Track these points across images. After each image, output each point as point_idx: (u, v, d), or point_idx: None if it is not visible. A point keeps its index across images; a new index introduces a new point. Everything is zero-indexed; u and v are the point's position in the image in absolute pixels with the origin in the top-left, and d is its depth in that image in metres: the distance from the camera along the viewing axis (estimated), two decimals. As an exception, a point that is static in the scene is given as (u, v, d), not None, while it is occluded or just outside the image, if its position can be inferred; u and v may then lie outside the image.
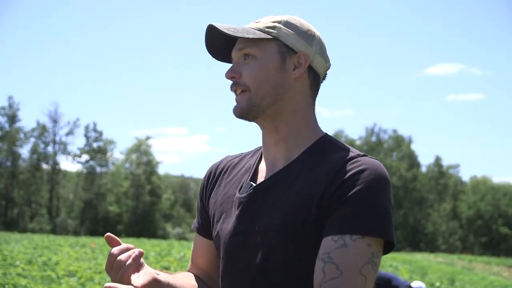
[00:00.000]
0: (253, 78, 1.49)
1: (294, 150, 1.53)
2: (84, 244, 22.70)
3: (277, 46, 1.51)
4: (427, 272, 18.37)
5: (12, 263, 12.68)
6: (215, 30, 1.53)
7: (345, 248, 1.33)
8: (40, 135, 52.89)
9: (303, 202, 1.42)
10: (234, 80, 1.53)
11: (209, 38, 1.57)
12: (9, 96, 51.84)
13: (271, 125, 1.54)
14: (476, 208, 56.67)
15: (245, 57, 1.52)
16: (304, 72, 1.53)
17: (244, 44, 1.51)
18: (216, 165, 1.74)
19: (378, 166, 1.43)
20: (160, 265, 14.04)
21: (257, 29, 1.52)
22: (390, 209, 1.41)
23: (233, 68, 1.53)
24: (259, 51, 1.50)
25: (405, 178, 58.51)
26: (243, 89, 1.51)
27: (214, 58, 1.62)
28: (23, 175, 50.81)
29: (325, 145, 1.52)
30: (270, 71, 1.50)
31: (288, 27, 1.52)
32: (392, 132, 62.38)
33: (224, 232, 1.56)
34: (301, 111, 1.54)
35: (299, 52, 1.52)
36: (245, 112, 1.51)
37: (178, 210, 63.52)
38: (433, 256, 35.32)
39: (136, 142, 57.67)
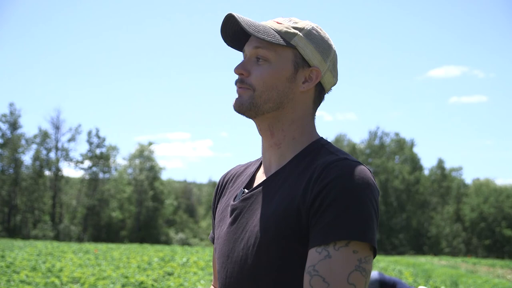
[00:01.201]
0: (262, 81, 1.48)
1: (287, 156, 1.52)
2: (87, 251, 22.70)
3: (293, 55, 1.49)
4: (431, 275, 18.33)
5: (16, 270, 12.69)
6: (234, 21, 1.51)
7: (329, 259, 1.30)
8: (42, 142, 52.95)
9: (283, 210, 1.40)
10: (242, 77, 1.51)
11: (226, 25, 1.55)
12: (11, 103, 52.01)
13: (267, 128, 1.54)
14: (480, 211, 56.54)
15: (258, 57, 1.50)
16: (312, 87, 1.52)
17: (262, 44, 1.49)
18: (224, 176, 1.75)
19: (357, 169, 1.38)
20: (164, 270, 14.02)
21: (277, 31, 1.49)
22: (373, 214, 1.36)
23: (244, 65, 1.52)
24: (274, 56, 1.48)
25: (407, 181, 58.43)
26: (247, 87, 1.50)
27: (226, 42, 1.59)
28: (25, 182, 50.83)
29: (314, 149, 1.50)
30: (280, 79, 1.48)
31: (308, 38, 1.50)
32: (395, 135, 62.36)
33: (218, 239, 1.58)
34: (299, 122, 1.53)
35: (313, 67, 1.51)
36: (245, 109, 1.50)
37: (181, 215, 63.52)
38: (437, 259, 35.21)
39: (139, 148, 57.75)
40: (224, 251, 1.52)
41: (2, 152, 50.64)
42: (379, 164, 58.13)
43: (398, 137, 62.11)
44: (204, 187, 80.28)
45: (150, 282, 11.33)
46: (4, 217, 50.01)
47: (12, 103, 52.15)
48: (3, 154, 50.56)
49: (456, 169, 63.72)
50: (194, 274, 13.46)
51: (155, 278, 12.25)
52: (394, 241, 55.55)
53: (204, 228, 63.07)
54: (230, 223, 1.53)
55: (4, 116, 51.14)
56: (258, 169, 1.63)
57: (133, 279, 11.54)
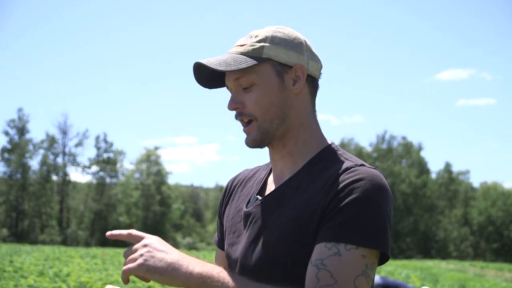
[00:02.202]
0: (258, 106, 1.48)
1: (299, 162, 1.52)
2: (94, 255, 22.75)
3: (272, 66, 1.48)
4: (439, 279, 18.28)
5: (24, 275, 12.73)
6: (203, 67, 1.51)
7: (339, 257, 1.30)
8: (49, 147, 53.12)
9: (299, 215, 1.40)
10: (238, 111, 1.50)
11: (198, 72, 1.54)
12: (19, 108, 52.23)
13: (279, 143, 1.53)
14: (487, 214, 56.29)
15: (241, 85, 1.49)
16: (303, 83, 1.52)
17: (239, 74, 1.48)
18: (232, 180, 1.74)
19: (375, 175, 1.39)
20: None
21: (245, 54, 1.48)
22: (387, 221, 1.36)
23: (234, 98, 1.51)
24: (256, 77, 1.47)
25: (414, 185, 58.25)
26: (249, 118, 1.49)
27: (205, 87, 1.58)
28: (33, 187, 50.96)
29: (327, 155, 1.50)
30: (272, 93, 1.48)
31: (275, 43, 1.49)
32: (402, 139, 62.22)
33: (231, 246, 1.57)
34: (307, 122, 1.53)
35: (294, 66, 1.49)
36: (259, 141, 1.50)
37: (188, 219, 63.57)
38: (445, 263, 35.08)
39: (145, 153, 57.83)
40: (239, 258, 1.51)
41: (10, 157, 50.83)
42: (386, 168, 57.98)
43: (406, 141, 61.96)
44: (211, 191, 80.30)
45: (157, 286, 11.35)
46: (12, 222, 50.16)
47: (21, 108, 52.26)
48: (11, 159, 50.73)
49: (463, 173, 63.49)
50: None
51: (162, 283, 12.25)
52: (402, 245, 55.37)
53: (211, 233, 63.03)
54: (246, 230, 1.52)
55: (13, 122, 51.35)
56: (268, 175, 1.62)
57: (140, 284, 11.56)
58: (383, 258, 1.39)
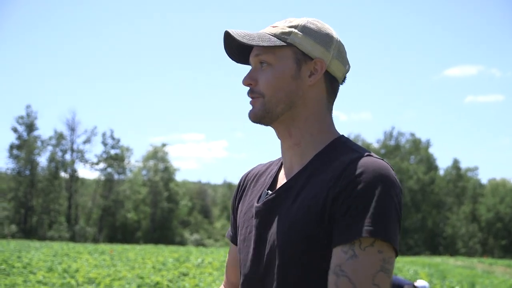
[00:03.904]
0: (269, 85, 1.48)
1: (308, 155, 1.51)
2: (103, 251, 22.83)
3: (293, 53, 1.49)
4: (447, 276, 18.23)
5: (32, 271, 12.78)
6: (231, 37, 1.52)
7: (355, 259, 1.30)
8: (58, 143, 53.36)
9: (307, 209, 1.40)
10: (251, 87, 1.52)
11: (228, 43, 1.56)
12: (27, 105, 52.41)
13: (285, 130, 1.53)
14: (496, 211, 56.16)
15: (261, 64, 1.51)
16: (320, 78, 1.51)
17: (260, 51, 1.50)
18: (245, 175, 1.74)
19: (380, 166, 1.38)
20: (179, 271, 14.07)
21: (273, 34, 1.50)
22: (394, 210, 1.35)
23: (250, 75, 1.52)
24: (274, 59, 1.49)
25: (422, 182, 58.16)
26: (258, 96, 1.51)
27: (235, 61, 1.60)
28: (41, 183, 51.21)
29: (336, 147, 1.49)
30: (286, 79, 1.48)
31: (304, 33, 1.49)
32: (410, 135, 62.12)
33: (243, 241, 1.57)
34: (315, 117, 1.52)
35: (315, 59, 1.49)
36: (259, 117, 1.51)
37: (196, 216, 63.65)
38: (453, 259, 35.00)
39: (152, 149, 57.97)
40: (251, 253, 1.52)
41: (18, 154, 51.07)
42: (394, 165, 57.85)
43: (414, 137, 61.87)
44: (219, 188, 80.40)
45: (165, 282, 11.37)
46: (20, 218, 50.39)
47: (29, 105, 52.50)
48: (20, 155, 50.97)
49: (471, 169, 63.35)
50: (209, 275, 13.48)
51: (170, 279, 12.28)
52: (410, 242, 55.30)
53: (219, 229, 63.12)
54: (256, 225, 1.52)
55: (21, 118, 51.55)
56: (279, 170, 1.62)
57: (148, 280, 11.59)
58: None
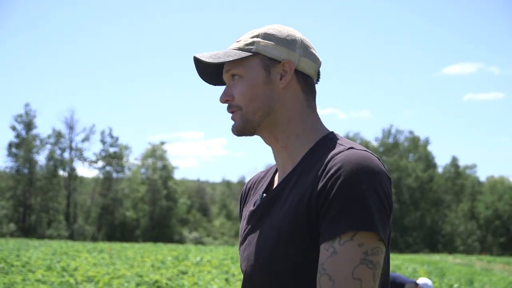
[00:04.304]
0: (243, 96, 1.52)
1: (297, 155, 1.52)
2: (102, 250, 22.84)
3: (260, 60, 1.52)
4: (446, 273, 18.25)
5: (31, 269, 12.79)
6: (200, 61, 1.56)
7: (335, 256, 1.29)
8: (56, 142, 53.31)
9: (294, 208, 1.41)
10: (228, 103, 1.56)
11: (200, 69, 1.60)
12: (26, 104, 52.39)
13: (270, 136, 1.56)
14: (494, 208, 56.20)
15: (233, 78, 1.55)
16: (292, 79, 1.53)
17: (230, 66, 1.54)
18: (246, 185, 1.78)
19: (360, 157, 1.36)
20: (178, 269, 14.08)
21: (237, 48, 1.54)
22: (376, 200, 1.32)
23: (226, 91, 1.56)
24: (244, 70, 1.52)
25: (421, 179, 58.21)
26: (236, 109, 1.54)
27: (212, 84, 1.65)
28: (40, 181, 51.17)
29: (325, 143, 1.49)
30: (258, 86, 1.52)
31: (266, 39, 1.53)
32: (409, 133, 62.15)
33: (240, 245, 1.61)
34: (297, 117, 1.53)
35: (282, 61, 1.52)
36: (241, 129, 1.55)
37: (195, 214, 63.66)
38: (452, 257, 35.06)
39: (150, 148, 57.96)
40: (245, 255, 1.54)
41: (17, 152, 51.03)
42: (392, 162, 57.93)
43: (412, 135, 61.91)
44: (218, 186, 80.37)
45: (164, 281, 11.38)
46: (19, 216, 50.36)
47: (28, 103, 52.44)
48: (18, 154, 50.93)
49: (470, 167, 63.37)
50: (208, 273, 13.50)
51: (169, 277, 12.30)
52: (408, 239, 55.36)
53: (218, 227, 63.19)
54: (250, 228, 1.56)
55: (20, 117, 51.49)
56: (275, 174, 1.65)
57: (147, 278, 11.60)
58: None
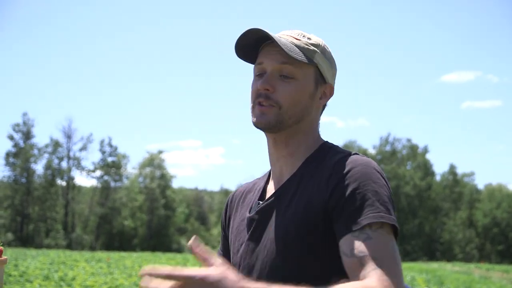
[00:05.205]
0: (289, 98, 1.51)
1: (298, 163, 1.56)
2: (99, 259, 22.76)
3: (314, 72, 1.55)
4: (444, 282, 18.22)
5: (29, 279, 12.74)
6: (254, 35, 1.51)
7: (371, 240, 1.31)
8: (54, 151, 53.25)
9: (302, 211, 1.43)
10: (267, 93, 1.51)
11: (245, 36, 1.53)
12: (24, 113, 52.29)
13: (282, 140, 1.56)
14: (492, 216, 56.21)
15: (283, 74, 1.51)
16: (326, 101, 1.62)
17: (289, 60, 1.51)
18: (234, 193, 1.78)
19: (368, 160, 1.46)
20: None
21: (299, 47, 1.52)
22: (390, 197, 1.41)
23: (269, 80, 1.51)
24: (300, 73, 1.52)
25: (419, 187, 58.20)
26: (273, 104, 1.51)
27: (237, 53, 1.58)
28: (38, 191, 51.07)
29: (322, 152, 1.55)
30: (305, 95, 1.53)
31: (324, 55, 1.57)
32: (406, 141, 62.20)
33: (236, 253, 1.59)
34: (312, 132, 1.60)
35: (328, 83, 1.59)
36: (271, 126, 1.51)
37: (193, 223, 63.63)
38: (450, 265, 35.01)
39: (148, 157, 57.94)
40: (246, 263, 1.53)
41: (15, 162, 50.96)
42: (390, 170, 57.93)
43: (410, 143, 61.95)
44: (216, 194, 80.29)
45: None
46: (17, 226, 50.24)
47: (26, 112, 52.39)
48: (16, 163, 50.86)
49: (468, 175, 63.41)
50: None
51: (167, 286, 12.25)
52: (407, 247, 55.27)
53: (216, 236, 63.05)
54: (249, 235, 1.55)
55: (17, 126, 51.47)
56: (267, 183, 1.66)
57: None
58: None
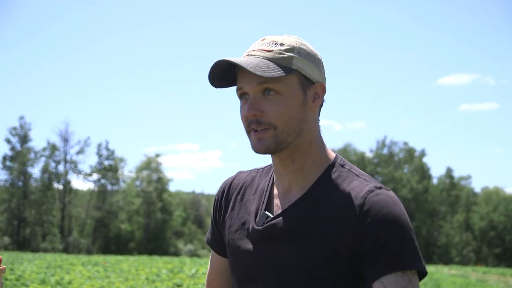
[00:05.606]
0: (281, 116, 1.41)
1: (308, 180, 1.48)
2: (96, 263, 22.72)
3: (298, 78, 1.44)
4: (441, 285, 18.24)
5: (25, 283, 12.71)
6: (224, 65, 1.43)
7: (411, 285, 1.35)
8: (51, 154, 53.16)
9: (324, 238, 1.40)
10: (256, 118, 1.42)
11: (214, 69, 1.44)
12: (21, 116, 52.23)
13: (288, 157, 1.48)
14: (489, 219, 56.29)
15: (264, 92, 1.42)
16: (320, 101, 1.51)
17: (267, 79, 1.41)
18: (229, 182, 1.68)
19: (396, 199, 1.42)
20: (173, 282, 14.03)
21: (273, 61, 1.42)
22: (415, 239, 1.41)
23: (253, 104, 1.42)
24: (284, 87, 1.42)
25: (416, 191, 58.26)
26: (266, 127, 1.42)
27: (214, 85, 1.48)
28: (34, 194, 50.97)
29: (336, 171, 1.48)
30: (295, 107, 1.43)
31: (302, 56, 1.45)
32: (403, 144, 62.26)
33: (241, 264, 1.53)
34: (316, 140, 1.50)
35: (316, 82, 1.47)
36: (273, 149, 1.43)
37: (190, 226, 63.54)
38: (447, 268, 35.05)
39: (146, 160, 57.89)
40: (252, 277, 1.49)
41: (11, 165, 50.87)
42: (387, 174, 58.00)
43: (407, 146, 62.02)
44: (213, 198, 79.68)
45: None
46: (13, 230, 50.13)
47: (22, 116, 52.33)
48: (13, 167, 50.77)
49: (465, 178, 63.53)
50: (203, 286, 13.45)
51: (164, 290, 12.25)
52: (404, 251, 55.25)
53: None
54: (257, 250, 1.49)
55: (14, 129, 51.39)
56: (271, 186, 1.56)
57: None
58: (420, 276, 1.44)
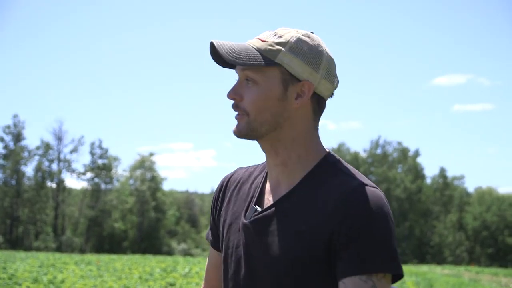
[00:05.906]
0: (254, 105, 1.43)
1: (296, 175, 1.47)
2: (89, 262, 22.66)
3: (280, 73, 1.43)
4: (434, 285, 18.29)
5: (18, 282, 12.68)
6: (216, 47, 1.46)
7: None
8: (44, 153, 53.03)
9: (302, 235, 1.40)
10: (235, 102, 1.47)
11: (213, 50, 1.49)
12: (14, 115, 52.11)
13: (270, 148, 1.49)
14: (482, 219, 56.47)
15: (247, 80, 1.45)
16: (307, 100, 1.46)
17: (247, 67, 1.44)
18: (228, 178, 1.70)
19: (380, 197, 1.39)
20: (166, 281, 14.01)
21: (260, 51, 1.43)
22: (395, 241, 1.41)
23: (235, 89, 1.47)
24: (261, 77, 1.43)
25: (409, 190, 58.41)
26: (242, 113, 1.46)
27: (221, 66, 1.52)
28: (27, 193, 50.86)
29: (326, 168, 1.46)
30: (271, 100, 1.43)
31: (293, 52, 1.42)
32: (397, 144, 62.40)
33: (230, 256, 1.55)
34: (303, 137, 1.48)
35: (303, 81, 1.43)
36: (244, 134, 1.47)
37: (183, 226, 63.47)
38: (440, 268, 35.14)
39: (139, 159, 57.81)
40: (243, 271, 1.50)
41: (5, 164, 50.72)
42: (381, 173, 58.11)
43: (401, 146, 62.17)
44: (206, 197, 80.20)
45: None
46: (6, 228, 49.99)
47: (16, 114, 52.18)
48: (6, 165, 50.63)
49: (458, 178, 63.76)
50: (196, 285, 13.44)
51: (157, 289, 12.23)
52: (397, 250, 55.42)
53: (206, 239, 62.86)
54: (244, 242, 1.50)
55: (8, 128, 51.27)
56: (264, 182, 1.57)
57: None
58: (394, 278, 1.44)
